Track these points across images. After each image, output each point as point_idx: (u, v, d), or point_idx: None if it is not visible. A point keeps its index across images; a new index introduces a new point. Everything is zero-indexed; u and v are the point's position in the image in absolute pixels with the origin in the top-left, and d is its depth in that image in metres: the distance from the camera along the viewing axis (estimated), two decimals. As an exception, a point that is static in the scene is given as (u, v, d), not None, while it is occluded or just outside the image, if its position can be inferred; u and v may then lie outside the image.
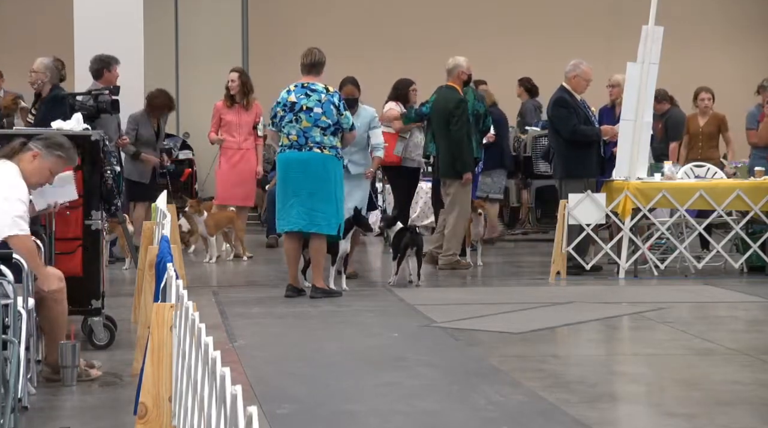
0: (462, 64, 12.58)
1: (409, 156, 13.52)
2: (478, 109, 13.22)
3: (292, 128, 10.09)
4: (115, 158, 7.89)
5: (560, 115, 12.03)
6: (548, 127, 12.34)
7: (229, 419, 2.74)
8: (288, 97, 10.17)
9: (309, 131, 10.04)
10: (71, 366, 6.60)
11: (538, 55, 17.97)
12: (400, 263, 10.87)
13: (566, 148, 11.99)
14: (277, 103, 10.23)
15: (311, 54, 10.29)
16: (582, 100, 12.19)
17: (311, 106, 10.06)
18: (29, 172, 6.50)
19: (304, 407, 6.20)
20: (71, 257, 7.48)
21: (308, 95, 10.10)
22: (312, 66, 10.25)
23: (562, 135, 12.00)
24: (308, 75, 10.26)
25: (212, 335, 3.50)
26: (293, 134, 10.08)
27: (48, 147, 6.60)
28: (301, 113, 10.06)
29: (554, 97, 12.17)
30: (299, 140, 10.06)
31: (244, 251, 13.19)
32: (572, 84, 12.15)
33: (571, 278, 11.51)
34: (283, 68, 17.34)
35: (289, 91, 10.21)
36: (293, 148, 10.07)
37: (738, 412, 6.19)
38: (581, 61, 12.27)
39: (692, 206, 11.73)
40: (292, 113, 10.09)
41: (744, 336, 8.73)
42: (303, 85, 10.18)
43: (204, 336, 3.38)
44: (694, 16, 19.79)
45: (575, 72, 12.16)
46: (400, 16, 19.54)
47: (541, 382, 6.83)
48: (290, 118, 10.09)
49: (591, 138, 12.00)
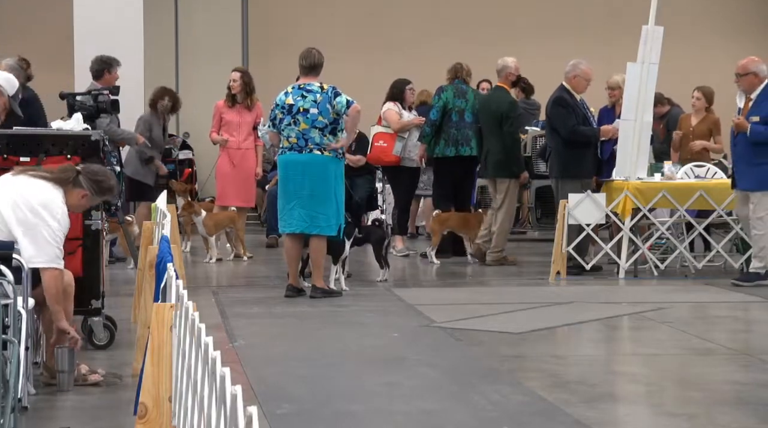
0: (510, 65, 12.78)
1: (408, 156, 13.55)
2: (477, 107, 13.26)
3: (291, 130, 10.09)
4: (115, 158, 7.87)
5: (559, 114, 12.04)
6: (546, 126, 12.35)
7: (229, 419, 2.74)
8: (285, 99, 10.16)
9: (308, 133, 10.03)
10: (68, 371, 6.51)
11: (538, 55, 17.96)
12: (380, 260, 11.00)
13: (563, 147, 12.00)
14: (276, 105, 10.22)
15: (310, 55, 10.27)
16: (581, 100, 12.19)
17: (307, 107, 10.05)
18: (73, 207, 6.57)
19: (304, 407, 6.20)
20: (71, 257, 7.47)
21: (304, 97, 10.09)
22: (311, 68, 10.24)
23: (560, 134, 12.01)
24: (307, 76, 10.25)
25: (212, 335, 3.50)
26: (293, 137, 10.08)
27: (99, 192, 6.65)
28: (298, 115, 10.06)
29: (554, 97, 12.18)
30: (299, 142, 10.06)
31: (245, 251, 13.19)
32: (572, 84, 12.16)
33: (571, 278, 11.51)
34: (283, 68, 17.34)
35: (287, 92, 10.21)
36: (293, 150, 10.08)
37: (738, 412, 6.19)
38: (581, 61, 12.27)
39: (692, 206, 11.73)
40: (290, 115, 10.09)
41: (744, 336, 8.73)
42: (299, 86, 10.18)
43: (204, 336, 3.38)
44: (694, 16, 19.79)
45: (575, 72, 12.16)
46: (400, 17, 19.54)
47: (541, 382, 6.83)
48: (288, 120, 10.09)
49: (589, 139, 12.01)
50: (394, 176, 13.88)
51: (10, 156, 7.46)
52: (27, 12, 18.61)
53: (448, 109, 13.12)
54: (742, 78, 11.09)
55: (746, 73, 11.05)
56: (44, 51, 17.31)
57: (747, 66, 11.07)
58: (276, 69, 18.46)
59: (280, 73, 17.77)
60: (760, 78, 11.03)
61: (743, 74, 11.07)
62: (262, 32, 19.33)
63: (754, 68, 11.05)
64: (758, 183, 10.82)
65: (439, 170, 13.33)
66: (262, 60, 19.11)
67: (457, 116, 13.12)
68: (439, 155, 13.18)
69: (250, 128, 13.20)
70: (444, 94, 13.18)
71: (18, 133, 7.79)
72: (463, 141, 13.11)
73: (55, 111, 10.92)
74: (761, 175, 10.79)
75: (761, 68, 11.06)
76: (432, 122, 13.12)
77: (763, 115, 10.84)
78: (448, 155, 13.12)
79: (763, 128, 10.81)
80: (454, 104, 13.13)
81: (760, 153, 10.80)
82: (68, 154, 7.50)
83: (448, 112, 13.12)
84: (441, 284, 11.34)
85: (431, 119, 13.13)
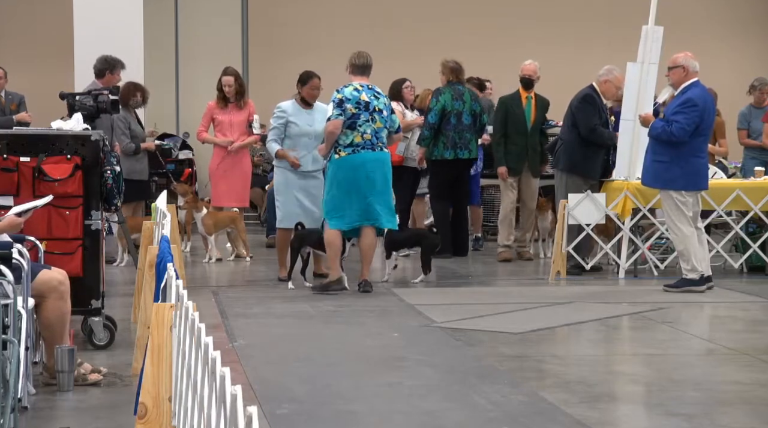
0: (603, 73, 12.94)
1: (410, 156, 13.54)
2: (474, 108, 13.28)
3: (368, 127, 10.37)
4: (115, 158, 7.87)
5: (585, 110, 12.00)
6: (566, 120, 12.27)
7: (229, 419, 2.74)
8: (359, 95, 10.39)
9: (380, 132, 10.45)
10: (68, 371, 6.51)
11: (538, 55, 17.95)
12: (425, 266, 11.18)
13: (577, 143, 11.96)
14: (346, 98, 10.35)
15: (363, 56, 10.61)
16: (605, 104, 12.23)
17: (381, 107, 10.47)
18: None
19: (304, 407, 6.20)
20: (71, 257, 7.48)
21: (377, 97, 10.49)
22: (366, 67, 10.58)
23: (580, 130, 11.97)
24: (362, 76, 10.55)
25: (212, 335, 3.50)
26: (368, 133, 10.36)
27: None
28: (375, 113, 10.41)
29: (582, 93, 12.15)
30: (372, 139, 10.38)
31: (248, 251, 13.18)
32: (603, 88, 12.16)
33: (571, 278, 11.52)
34: (283, 68, 17.35)
35: (358, 90, 10.42)
36: (366, 148, 10.35)
37: (738, 412, 6.19)
38: (615, 67, 12.27)
39: (692, 206, 11.72)
40: (368, 112, 10.38)
41: (744, 336, 8.72)
42: (369, 86, 10.50)
43: (204, 336, 3.38)
44: (694, 16, 19.79)
45: (607, 77, 12.16)
46: (401, 17, 19.54)
47: (541, 382, 6.84)
48: (366, 117, 10.37)
49: (605, 142, 12.01)
50: (397, 176, 13.87)
51: (10, 156, 7.46)
52: (27, 12, 18.61)
53: (446, 112, 13.12)
54: (671, 71, 10.80)
55: (675, 65, 10.72)
56: (44, 51, 17.34)
57: (676, 59, 10.73)
58: (276, 69, 18.48)
59: (279, 73, 17.79)
60: (688, 73, 10.63)
61: (672, 67, 10.79)
62: (262, 32, 19.33)
63: (682, 62, 10.67)
64: (654, 180, 10.69)
65: (436, 172, 13.31)
66: (262, 60, 19.12)
67: (456, 118, 13.13)
68: (437, 158, 13.17)
69: (242, 127, 13.16)
70: (442, 97, 13.17)
71: (18, 133, 7.80)
72: (462, 145, 13.12)
73: (55, 111, 10.93)
74: (657, 172, 10.60)
75: (691, 64, 10.65)
76: (431, 125, 13.12)
77: (669, 112, 10.61)
78: (447, 158, 13.13)
79: (660, 124, 10.53)
80: (452, 107, 13.13)
81: (658, 150, 10.58)
82: (68, 154, 7.51)
83: (447, 115, 13.12)
84: (441, 284, 11.34)
85: (429, 122, 13.12)
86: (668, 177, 10.52)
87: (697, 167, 10.56)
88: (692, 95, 10.50)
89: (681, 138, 10.40)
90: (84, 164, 7.52)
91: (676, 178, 10.49)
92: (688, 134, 10.40)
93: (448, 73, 13.32)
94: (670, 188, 10.55)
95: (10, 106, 14.11)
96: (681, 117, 10.40)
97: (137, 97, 12.95)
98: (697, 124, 10.44)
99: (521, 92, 13.24)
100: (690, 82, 10.62)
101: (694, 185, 10.59)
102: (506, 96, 13.39)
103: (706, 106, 10.56)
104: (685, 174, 10.50)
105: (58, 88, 10.05)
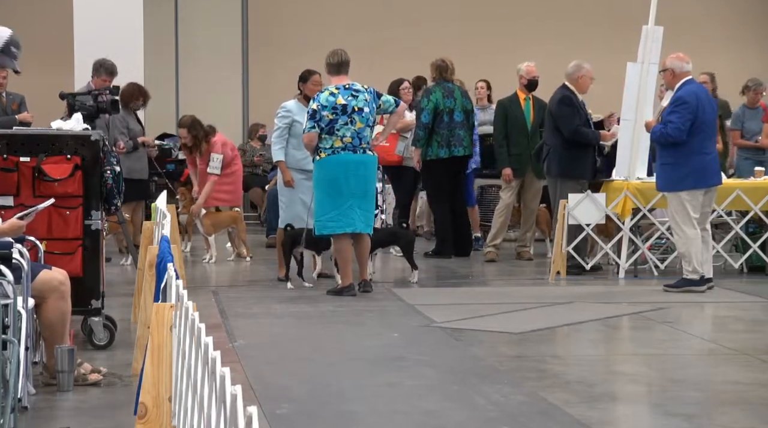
0: (521, 69, 12.85)
1: (410, 156, 13.54)
2: (466, 105, 13.29)
3: (347, 130, 10.20)
4: (115, 157, 7.87)
5: (564, 113, 11.96)
6: (546, 124, 12.27)
7: (229, 419, 2.74)
8: (335, 100, 10.20)
9: (362, 132, 10.23)
10: (68, 371, 6.51)
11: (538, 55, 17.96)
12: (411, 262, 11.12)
13: (563, 147, 11.93)
14: (321, 106, 10.18)
15: (338, 54, 10.42)
16: (582, 101, 12.18)
17: (361, 106, 10.25)
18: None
19: (304, 407, 6.20)
20: (71, 257, 7.48)
21: (355, 96, 10.25)
22: (341, 65, 10.38)
23: (563, 133, 11.96)
24: (339, 75, 10.37)
25: (212, 335, 3.50)
26: (348, 136, 10.20)
27: None
28: (354, 114, 10.21)
29: (559, 96, 12.08)
30: (353, 141, 10.21)
31: (248, 251, 13.18)
32: (578, 84, 12.10)
33: (571, 278, 11.51)
34: (283, 68, 17.36)
35: (333, 94, 10.23)
36: (347, 150, 10.20)
37: (738, 412, 6.19)
38: (582, 61, 12.25)
39: (692, 206, 11.71)
40: (346, 115, 10.20)
41: (744, 336, 8.72)
42: (345, 86, 10.28)
43: (204, 336, 3.38)
44: (694, 16, 19.80)
45: (581, 72, 12.12)
46: (401, 17, 19.54)
47: (541, 382, 6.83)
48: (345, 120, 10.19)
49: (590, 141, 11.97)
50: (396, 176, 13.88)
51: (10, 156, 7.46)
52: (27, 12, 18.62)
53: (438, 110, 13.12)
54: (662, 74, 10.82)
55: (663, 69, 10.75)
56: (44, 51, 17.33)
57: (664, 62, 10.74)
58: (276, 69, 18.48)
59: (279, 73, 17.80)
60: (676, 75, 10.62)
61: (661, 70, 10.79)
62: (261, 32, 19.34)
63: (669, 64, 10.66)
64: (666, 184, 10.65)
65: (432, 172, 13.28)
66: (262, 60, 19.12)
67: (448, 116, 13.13)
68: (432, 157, 13.15)
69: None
70: (433, 96, 13.16)
71: (18, 133, 7.80)
72: (456, 142, 13.12)
73: (55, 111, 10.93)
74: (666, 175, 10.59)
75: (677, 65, 10.61)
76: (424, 125, 13.09)
77: (665, 114, 10.59)
78: (442, 157, 13.13)
79: (658, 128, 10.54)
80: (444, 105, 13.13)
81: (663, 154, 10.60)
82: (68, 154, 7.51)
83: (439, 113, 13.12)
84: (441, 284, 11.34)
85: (423, 122, 13.10)
86: (676, 178, 10.52)
87: (703, 163, 10.55)
88: (682, 94, 10.50)
89: (678, 138, 10.40)
90: (84, 164, 7.52)
91: (684, 177, 10.49)
92: (684, 132, 10.40)
93: (434, 71, 13.32)
94: (681, 189, 10.53)
95: (11, 106, 14.10)
96: (674, 117, 10.40)
97: (139, 101, 12.94)
98: (692, 121, 10.43)
99: (519, 94, 13.24)
100: (682, 82, 10.61)
101: (704, 183, 10.58)
102: (505, 99, 13.39)
103: (699, 102, 10.52)
104: (692, 172, 10.49)
105: (58, 89, 10.06)
